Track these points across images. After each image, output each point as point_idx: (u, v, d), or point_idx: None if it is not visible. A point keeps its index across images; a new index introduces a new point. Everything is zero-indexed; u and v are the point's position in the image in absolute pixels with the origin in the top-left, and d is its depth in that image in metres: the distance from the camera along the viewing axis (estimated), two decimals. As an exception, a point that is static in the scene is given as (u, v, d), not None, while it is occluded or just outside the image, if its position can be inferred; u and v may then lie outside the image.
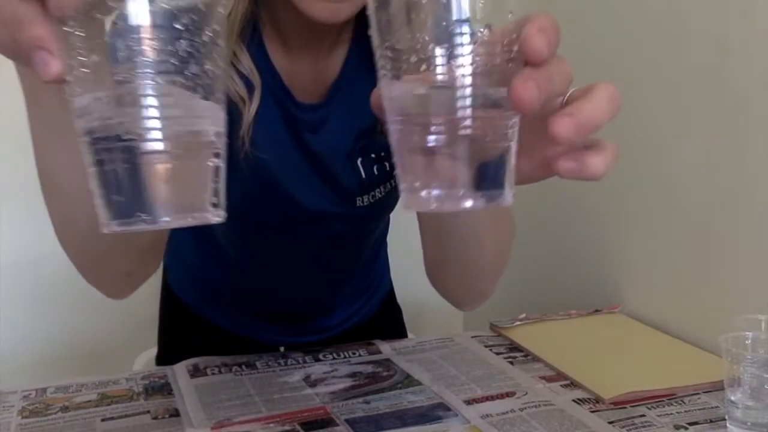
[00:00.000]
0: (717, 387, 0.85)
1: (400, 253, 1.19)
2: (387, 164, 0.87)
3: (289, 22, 0.78)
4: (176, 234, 1.04)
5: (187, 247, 1.04)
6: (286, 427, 0.80)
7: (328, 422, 0.82)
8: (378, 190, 0.89)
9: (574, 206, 1.38)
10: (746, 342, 0.84)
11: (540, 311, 1.16)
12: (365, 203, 0.88)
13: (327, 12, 0.71)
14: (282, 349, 1.05)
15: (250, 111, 0.77)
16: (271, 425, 0.81)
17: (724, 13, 1.03)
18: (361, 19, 0.72)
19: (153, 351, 1.16)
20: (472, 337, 1.08)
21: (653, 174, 1.18)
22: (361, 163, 0.86)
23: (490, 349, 1.04)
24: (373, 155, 0.86)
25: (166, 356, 1.08)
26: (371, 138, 0.85)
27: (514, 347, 1.04)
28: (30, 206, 1.58)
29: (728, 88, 1.04)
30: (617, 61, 1.25)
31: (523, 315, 1.13)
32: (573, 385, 0.92)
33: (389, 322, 1.17)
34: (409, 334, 1.23)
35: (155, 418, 0.83)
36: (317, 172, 0.85)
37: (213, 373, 0.94)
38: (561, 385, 0.93)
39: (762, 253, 1.00)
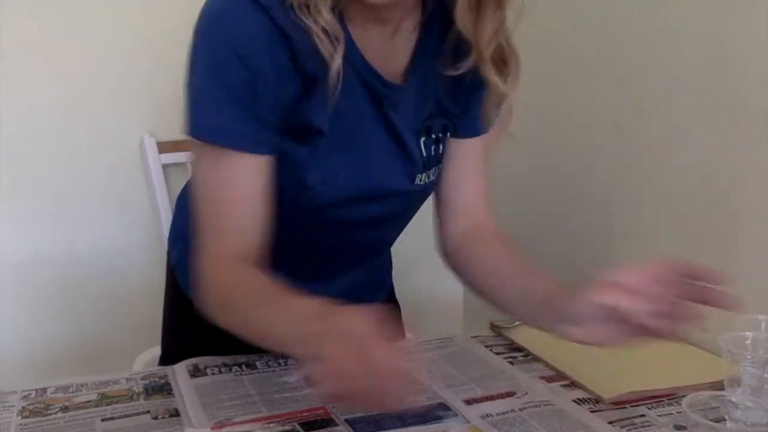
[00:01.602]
0: (717, 387, 0.85)
1: (401, 253, 1.19)
2: (441, 146, 0.94)
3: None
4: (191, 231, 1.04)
5: None
6: (286, 427, 0.80)
7: (328, 422, 0.82)
8: (432, 170, 0.95)
9: (574, 206, 1.38)
10: (746, 342, 0.84)
11: (540, 311, 1.16)
12: (422, 182, 0.94)
13: None
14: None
15: (335, 62, 0.80)
16: (271, 425, 0.81)
17: (724, 13, 1.03)
18: (427, 5, 0.81)
19: (153, 351, 1.16)
20: (472, 337, 1.08)
21: (653, 174, 1.18)
22: (424, 142, 0.93)
23: (490, 349, 1.04)
24: (433, 135, 0.93)
25: (169, 355, 1.08)
26: (435, 118, 0.92)
27: (514, 347, 1.04)
28: (30, 207, 1.58)
29: (728, 88, 1.04)
30: (618, 61, 1.25)
31: (523, 315, 1.13)
32: (573, 385, 0.92)
33: (389, 322, 1.17)
34: (408, 335, 1.23)
35: (155, 418, 0.83)
36: (394, 148, 0.90)
37: (213, 373, 0.94)
38: (561, 385, 0.93)
39: (762, 253, 1.00)
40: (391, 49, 0.89)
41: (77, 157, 1.60)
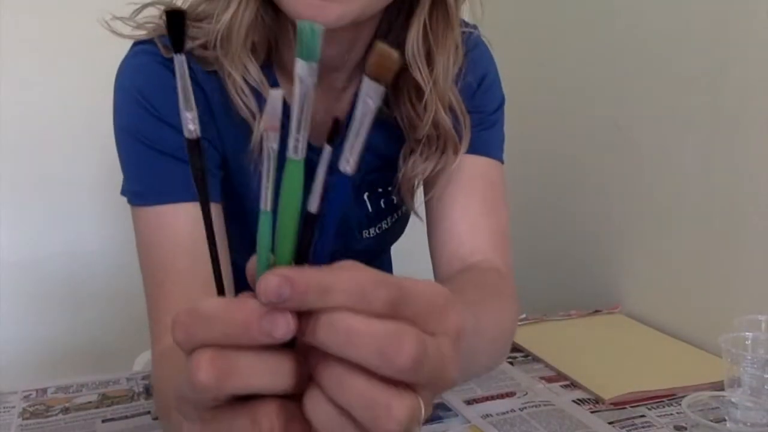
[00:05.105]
0: (717, 387, 0.85)
1: (402, 254, 1.19)
2: (394, 198, 0.88)
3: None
4: None
5: None
6: (287, 428, 0.80)
7: (329, 423, 0.81)
8: (385, 221, 0.90)
9: (575, 207, 1.38)
10: (746, 342, 0.84)
11: (540, 312, 1.16)
12: (371, 235, 0.90)
13: (313, 10, 0.65)
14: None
15: (260, 125, 0.74)
16: (272, 426, 0.80)
17: (724, 13, 1.03)
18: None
19: (153, 351, 1.15)
20: (472, 337, 1.08)
21: (653, 175, 1.18)
22: (368, 197, 0.88)
23: (490, 349, 1.04)
24: (380, 189, 0.88)
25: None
26: (379, 173, 0.86)
27: (514, 347, 1.04)
28: (30, 206, 1.58)
29: (728, 90, 1.03)
30: (617, 61, 1.25)
31: (524, 315, 1.13)
32: (573, 385, 0.92)
33: None
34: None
35: (156, 418, 0.83)
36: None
37: (213, 374, 0.94)
38: (561, 386, 0.93)
39: (762, 253, 1.00)
40: (330, 109, 0.82)
41: (77, 156, 1.60)
